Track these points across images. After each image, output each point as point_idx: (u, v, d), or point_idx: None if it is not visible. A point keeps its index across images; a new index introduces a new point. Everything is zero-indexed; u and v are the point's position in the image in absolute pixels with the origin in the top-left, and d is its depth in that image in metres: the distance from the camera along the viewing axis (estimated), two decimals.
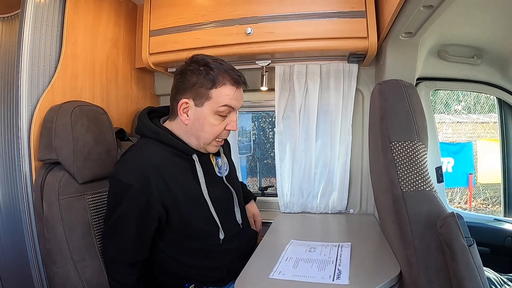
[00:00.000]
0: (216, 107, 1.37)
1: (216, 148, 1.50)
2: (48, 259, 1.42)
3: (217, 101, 1.37)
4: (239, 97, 1.43)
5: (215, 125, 1.40)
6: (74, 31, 1.71)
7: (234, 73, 1.40)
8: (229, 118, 1.43)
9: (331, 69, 2.06)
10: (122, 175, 1.32)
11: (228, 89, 1.37)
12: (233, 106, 1.40)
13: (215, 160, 1.59)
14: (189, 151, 1.44)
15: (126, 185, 1.30)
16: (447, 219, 0.97)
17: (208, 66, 1.37)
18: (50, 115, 1.48)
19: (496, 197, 6.53)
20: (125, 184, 1.30)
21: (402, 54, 1.73)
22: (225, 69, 1.38)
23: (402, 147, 1.14)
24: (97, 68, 1.91)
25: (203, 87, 1.36)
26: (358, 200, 2.21)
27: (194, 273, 1.47)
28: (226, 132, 1.46)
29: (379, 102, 1.22)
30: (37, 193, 1.44)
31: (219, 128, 1.41)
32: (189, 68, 1.40)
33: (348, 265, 1.29)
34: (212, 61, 1.39)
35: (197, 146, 1.45)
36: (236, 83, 1.39)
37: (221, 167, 1.60)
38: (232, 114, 1.43)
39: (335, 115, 2.09)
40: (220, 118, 1.40)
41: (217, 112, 1.38)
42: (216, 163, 1.59)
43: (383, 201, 1.33)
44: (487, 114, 6.96)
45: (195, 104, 1.38)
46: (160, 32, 2.00)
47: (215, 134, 1.42)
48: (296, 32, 1.82)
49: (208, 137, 1.42)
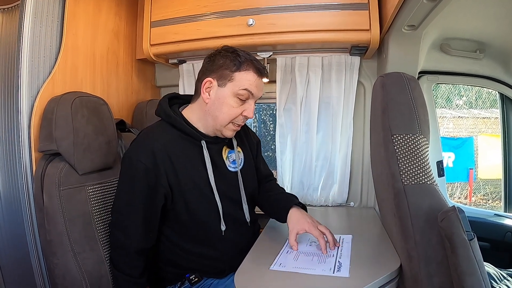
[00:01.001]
0: (236, 90, 1.40)
1: (232, 133, 1.50)
2: (48, 250, 1.42)
3: (239, 84, 1.40)
4: (260, 86, 1.46)
5: (233, 107, 1.42)
6: (74, 22, 1.71)
7: (259, 64, 1.44)
8: (247, 104, 1.45)
9: (333, 62, 2.05)
10: (132, 153, 1.38)
11: (250, 75, 1.41)
12: (253, 93, 1.42)
13: (227, 154, 1.59)
14: (197, 136, 1.46)
15: (135, 161, 1.35)
16: (448, 213, 0.97)
17: (236, 53, 1.42)
18: (50, 106, 1.48)
19: (496, 193, 6.54)
20: (134, 160, 1.35)
21: (405, 47, 1.73)
22: (251, 59, 1.43)
23: (403, 140, 1.13)
24: (98, 60, 1.90)
25: (228, 69, 1.40)
26: (359, 193, 2.22)
27: (196, 262, 1.49)
28: (242, 118, 1.46)
29: (381, 94, 1.21)
30: (37, 184, 1.44)
31: (236, 111, 1.43)
32: (218, 52, 1.45)
33: (348, 257, 1.29)
34: (241, 51, 1.44)
35: (213, 129, 1.47)
36: (259, 72, 1.43)
37: (234, 162, 1.59)
38: (251, 101, 1.45)
39: (337, 108, 2.09)
40: (238, 102, 1.42)
41: (237, 94, 1.41)
42: (228, 156, 1.59)
43: (384, 194, 1.32)
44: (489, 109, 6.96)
45: (218, 85, 1.42)
46: (161, 23, 2.00)
47: (232, 117, 1.43)
48: (298, 24, 1.82)
49: (224, 118, 1.43)
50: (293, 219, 1.49)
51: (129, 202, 1.38)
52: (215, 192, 1.46)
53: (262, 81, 1.46)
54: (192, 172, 1.43)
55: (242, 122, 1.49)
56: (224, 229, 1.47)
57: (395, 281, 1.22)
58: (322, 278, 1.16)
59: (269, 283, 1.17)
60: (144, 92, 2.36)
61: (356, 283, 1.12)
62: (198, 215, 1.45)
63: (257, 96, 1.46)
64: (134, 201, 1.37)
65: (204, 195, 1.45)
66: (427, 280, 1.05)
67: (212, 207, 1.46)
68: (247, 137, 1.73)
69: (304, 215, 1.50)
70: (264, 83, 1.48)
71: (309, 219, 1.47)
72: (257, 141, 1.80)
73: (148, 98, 2.30)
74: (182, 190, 1.41)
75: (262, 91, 1.48)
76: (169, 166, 1.38)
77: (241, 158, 1.63)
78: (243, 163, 1.63)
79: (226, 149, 1.59)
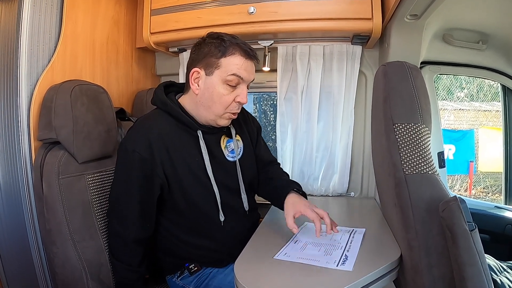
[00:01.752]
0: (224, 76, 1.37)
1: (228, 121, 1.48)
2: (48, 239, 1.42)
3: (226, 69, 1.37)
4: (249, 69, 1.42)
5: (224, 94, 1.39)
6: (74, 10, 1.70)
7: (246, 46, 1.40)
8: (239, 89, 1.41)
9: (335, 51, 2.04)
10: (128, 142, 1.36)
11: (237, 59, 1.37)
12: (242, 77, 1.39)
13: (226, 143, 1.57)
14: (194, 126, 1.44)
15: (130, 151, 1.33)
16: (449, 203, 0.96)
17: (221, 38, 1.39)
18: (49, 94, 1.47)
19: (496, 186, 6.55)
20: (130, 150, 1.34)
21: (407, 36, 1.72)
22: (237, 42, 1.39)
23: (405, 129, 1.13)
24: (98, 48, 1.89)
25: (213, 56, 1.37)
26: (359, 183, 2.21)
27: (194, 253, 1.49)
28: (236, 105, 1.43)
29: (383, 83, 1.20)
30: (37, 173, 1.44)
31: (228, 98, 1.40)
32: (203, 41, 1.42)
33: (356, 251, 1.27)
34: (226, 35, 1.41)
35: (207, 119, 1.44)
36: (247, 54, 1.39)
37: (232, 151, 1.57)
38: (242, 86, 1.42)
39: (338, 97, 2.08)
40: (229, 88, 1.39)
41: (225, 81, 1.37)
42: (227, 146, 1.57)
43: (385, 184, 1.32)
44: (490, 102, 6.94)
45: (205, 74, 1.39)
46: (161, 11, 1.98)
47: (225, 105, 1.40)
48: (299, 12, 1.80)
49: (218, 108, 1.40)
50: (289, 203, 1.47)
51: (125, 192, 1.38)
52: (213, 182, 1.45)
53: (251, 64, 1.43)
54: (189, 161, 1.42)
55: (237, 109, 1.46)
56: (222, 220, 1.47)
57: (395, 271, 1.22)
58: (324, 270, 1.15)
59: (268, 273, 1.17)
60: (144, 81, 2.35)
61: (355, 273, 1.11)
62: (196, 205, 1.44)
63: (248, 80, 1.43)
64: (130, 191, 1.36)
65: (202, 185, 1.44)
66: (427, 270, 1.05)
67: (210, 197, 1.46)
68: (247, 124, 1.70)
69: (300, 198, 1.49)
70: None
71: (305, 202, 1.45)
72: (257, 126, 1.78)
73: (148, 87, 2.30)
74: (179, 180, 1.40)
75: (253, 74, 1.45)
76: (165, 156, 1.37)
77: (240, 147, 1.61)
78: (242, 152, 1.62)
79: (225, 138, 1.57)
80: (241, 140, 1.63)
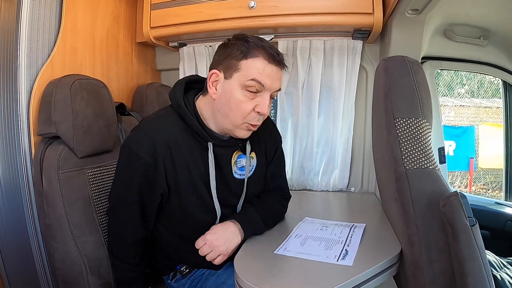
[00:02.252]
0: (244, 80, 1.22)
1: (247, 134, 1.32)
2: (48, 234, 1.42)
3: (246, 73, 1.22)
4: (274, 75, 1.25)
5: (241, 101, 1.24)
6: (73, 5, 1.69)
7: (273, 50, 1.25)
8: (260, 97, 1.26)
9: (335, 45, 2.03)
10: (133, 144, 1.26)
11: (259, 62, 1.22)
12: (263, 83, 1.23)
13: (236, 158, 1.43)
14: (205, 137, 1.32)
15: (135, 155, 1.24)
16: (450, 198, 0.96)
17: (245, 39, 1.25)
18: (49, 89, 1.47)
19: (497, 182, 6.57)
20: (135, 154, 1.24)
21: (408, 31, 1.71)
22: (263, 44, 1.24)
23: (406, 123, 1.12)
24: (97, 43, 1.88)
25: (234, 57, 1.23)
26: (360, 179, 2.21)
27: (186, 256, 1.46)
28: (255, 115, 1.27)
29: (384, 78, 1.20)
30: (37, 168, 1.44)
31: (247, 106, 1.25)
32: (228, 42, 1.29)
33: (357, 246, 1.27)
34: (252, 37, 1.27)
35: (224, 128, 1.31)
36: (271, 59, 1.24)
37: (242, 168, 1.44)
38: (264, 94, 1.25)
39: (338, 92, 2.07)
40: (248, 95, 1.24)
41: (245, 86, 1.23)
42: (237, 161, 1.43)
43: (385, 178, 1.32)
44: (490, 99, 6.95)
45: (224, 77, 1.26)
46: (161, 6, 1.98)
47: (244, 113, 1.25)
48: (300, 7, 1.80)
49: (236, 116, 1.26)
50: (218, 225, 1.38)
51: (125, 193, 1.31)
52: (215, 200, 1.36)
53: (276, 70, 1.26)
54: (193, 173, 1.32)
55: (257, 122, 1.30)
56: None
57: (395, 267, 1.22)
58: (324, 265, 1.15)
59: (268, 267, 1.17)
60: (145, 76, 2.34)
61: (356, 268, 1.11)
62: (192, 218, 1.37)
63: (271, 88, 1.26)
64: (130, 192, 1.29)
65: (202, 200, 1.35)
66: (428, 266, 1.05)
67: (209, 212, 1.37)
68: (266, 139, 1.54)
69: (224, 228, 1.36)
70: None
71: (218, 232, 1.33)
72: (277, 143, 1.61)
73: (148, 82, 2.28)
74: (180, 191, 1.31)
75: (278, 82, 1.28)
76: (170, 164, 1.27)
77: (252, 165, 1.49)
78: (253, 171, 1.49)
79: (237, 153, 1.43)
80: (255, 157, 1.49)
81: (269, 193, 1.57)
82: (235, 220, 1.37)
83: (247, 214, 1.41)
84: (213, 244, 1.29)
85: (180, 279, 1.47)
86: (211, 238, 1.30)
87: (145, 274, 1.45)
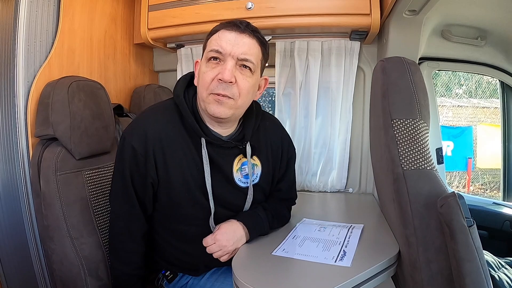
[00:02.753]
0: (207, 54, 1.24)
1: (216, 105, 1.22)
2: (46, 236, 1.42)
3: (208, 47, 1.24)
4: (233, 40, 1.21)
5: (204, 72, 1.23)
6: (71, 6, 1.69)
7: (233, 20, 1.26)
8: (222, 65, 1.22)
9: (333, 46, 2.04)
10: (127, 134, 1.26)
11: (219, 33, 1.23)
12: (221, 49, 1.20)
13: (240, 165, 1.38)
14: (197, 131, 1.28)
15: (127, 144, 1.24)
16: (448, 198, 0.97)
17: None
18: (46, 90, 1.46)
19: (495, 183, 6.57)
20: (127, 143, 1.24)
21: (405, 32, 1.71)
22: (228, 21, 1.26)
23: (403, 124, 1.13)
24: (95, 44, 1.88)
25: (205, 40, 1.28)
26: (358, 179, 2.21)
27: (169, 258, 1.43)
28: (216, 83, 1.21)
29: (381, 79, 1.20)
30: (34, 170, 1.44)
31: (208, 75, 1.21)
32: None
33: (355, 247, 1.27)
34: None
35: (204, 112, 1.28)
36: (228, 25, 1.24)
37: (246, 176, 1.39)
38: (227, 61, 1.21)
39: (336, 93, 2.07)
40: (210, 65, 1.22)
41: (207, 58, 1.23)
42: (241, 168, 1.38)
43: (383, 179, 1.32)
44: (488, 99, 6.96)
45: (201, 61, 1.29)
46: (159, 7, 1.98)
47: (206, 83, 1.22)
48: (297, 8, 1.80)
49: (202, 90, 1.24)
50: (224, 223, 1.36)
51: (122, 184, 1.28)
52: (210, 199, 1.31)
53: (235, 34, 1.22)
54: (185, 170, 1.29)
55: (222, 90, 1.21)
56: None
57: (393, 267, 1.22)
58: (323, 266, 1.15)
59: (266, 269, 1.16)
60: (142, 77, 2.34)
61: (354, 269, 1.11)
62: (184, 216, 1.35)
63: (231, 52, 1.21)
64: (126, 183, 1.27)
65: (194, 198, 1.31)
66: (425, 266, 1.05)
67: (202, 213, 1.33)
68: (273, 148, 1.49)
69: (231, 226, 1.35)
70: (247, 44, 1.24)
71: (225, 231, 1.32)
72: (289, 156, 1.55)
73: (146, 83, 2.28)
74: (170, 186, 1.29)
75: (238, 46, 1.22)
76: (161, 158, 1.26)
77: (256, 173, 1.44)
78: (258, 179, 1.44)
79: (241, 159, 1.38)
80: (259, 164, 1.44)
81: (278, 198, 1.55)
82: (241, 220, 1.36)
83: (255, 217, 1.40)
84: (222, 244, 1.29)
85: (167, 284, 1.45)
86: (221, 238, 1.30)
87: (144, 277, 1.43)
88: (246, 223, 1.35)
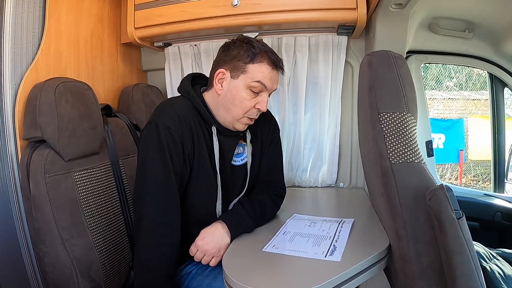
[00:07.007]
0: (249, 82, 1.37)
1: (245, 126, 1.47)
2: (37, 238, 1.41)
3: (252, 76, 1.37)
4: (274, 79, 1.42)
5: (245, 99, 1.39)
6: (57, 7, 1.67)
7: (274, 56, 1.41)
8: (261, 96, 1.41)
9: (320, 41, 2.04)
10: (159, 119, 1.33)
11: (264, 67, 1.38)
12: (266, 85, 1.39)
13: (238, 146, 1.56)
14: (210, 121, 1.43)
15: (163, 126, 1.31)
16: (436, 191, 0.97)
17: (251, 44, 1.39)
18: (34, 92, 1.45)
19: (487, 174, 6.64)
20: (161, 126, 1.31)
21: (392, 26, 1.72)
22: (267, 50, 1.40)
23: (390, 118, 1.12)
24: (82, 44, 1.86)
25: (241, 60, 1.38)
26: (348, 174, 2.22)
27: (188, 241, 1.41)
28: (255, 111, 1.43)
29: (368, 73, 1.20)
30: (23, 173, 1.42)
31: (249, 104, 1.40)
32: (233, 43, 1.43)
33: (345, 241, 1.28)
34: (256, 41, 1.42)
35: (225, 121, 1.45)
36: (274, 65, 1.40)
37: (238, 155, 1.57)
38: (264, 94, 1.42)
39: (324, 88, 2.08)
40: (251, 94, 1.39)
41: (249, 87, 1.38)
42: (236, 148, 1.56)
43: (372, 173, 1.32)
44: (479, 91, 7.01)
45: (231, 76, 1.40)
46: (145, 6, 1.97)
47: (245, 109, 1.40)
48: (283, 3, 1.80)
49: (238, 112, 1.41)
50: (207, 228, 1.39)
51: (164, 171, 1.30)
52: (219, 182, 1.46)
53: (276, 74, 1.43)
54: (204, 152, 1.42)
55: (255, 116, 1.45)
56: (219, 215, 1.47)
57: (384, 261, 1.23)
58: (313, 261, 1.16)
59: (257, 266, 1.17)
60: (130, 76, 2.33)
61: (344, 263, 1.12)
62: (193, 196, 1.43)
63: (271, 89, 1.43)
64: (167, 168, 1.30)
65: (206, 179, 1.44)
66: (416, 259, 1.05)
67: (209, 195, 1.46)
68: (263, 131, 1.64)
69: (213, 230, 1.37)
70: None
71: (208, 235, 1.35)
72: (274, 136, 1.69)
73: (134, 82, 2.26)
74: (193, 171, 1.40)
75: (276, 84, 1.46)
76: (189, 137, 1.36)
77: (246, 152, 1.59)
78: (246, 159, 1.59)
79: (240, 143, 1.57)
80: (252, 147, 1.60)
81: (262, 188, 1.62)
82: (222, 220, 1.40)
83: (234, 214, 1.45)
84: (204, 249, 1.33)
85: None
86: (201, 243, 1.34)
87: None
88: (227, 222, 1.40)
